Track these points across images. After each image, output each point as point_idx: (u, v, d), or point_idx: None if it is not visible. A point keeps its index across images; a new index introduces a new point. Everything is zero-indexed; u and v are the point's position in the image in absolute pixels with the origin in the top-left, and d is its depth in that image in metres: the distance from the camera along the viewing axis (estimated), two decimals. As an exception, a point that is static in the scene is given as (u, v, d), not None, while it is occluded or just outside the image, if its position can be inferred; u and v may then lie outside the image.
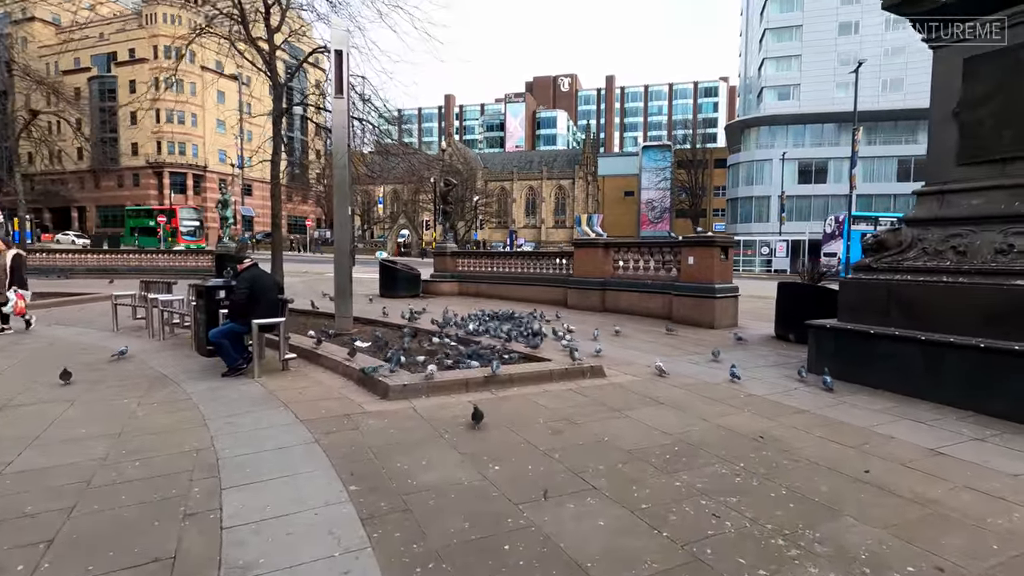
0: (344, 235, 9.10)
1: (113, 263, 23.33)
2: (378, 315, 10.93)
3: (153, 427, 4.76)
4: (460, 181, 49.99)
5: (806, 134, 54.41)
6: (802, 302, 9.14)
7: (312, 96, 15.30)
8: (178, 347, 8.40)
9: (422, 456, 4.11)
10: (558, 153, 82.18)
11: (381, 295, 15.51)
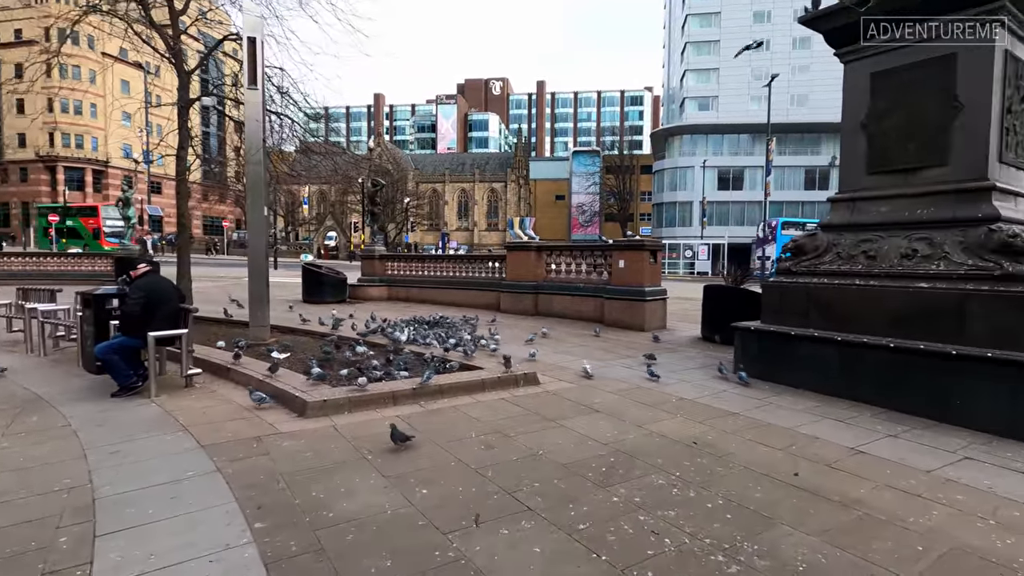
0: (259, 237, 8.42)
1: (-8, 267, 20.70)
2: (300, 323, 10.25)
3: (16, 462, 4.06)
4: (390, 182, 48.85)
5: (724, 143, 57.51)
6: (727, 304, 9.42)
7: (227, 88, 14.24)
8: (62, 364, 7.42)
9: (342, 482, 3.73)
10: (490, 156, 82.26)
11: (304, 301, 14.66)
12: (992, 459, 4.34)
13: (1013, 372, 4.84)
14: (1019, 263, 5.13)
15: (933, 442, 4.70)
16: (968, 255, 5.48)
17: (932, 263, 5.69)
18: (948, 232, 5.70)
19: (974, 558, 2.92)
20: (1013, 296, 5.05)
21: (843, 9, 6.25)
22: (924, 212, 5.95)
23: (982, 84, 5.61)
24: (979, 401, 5.05)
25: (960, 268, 5.47)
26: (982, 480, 3.93)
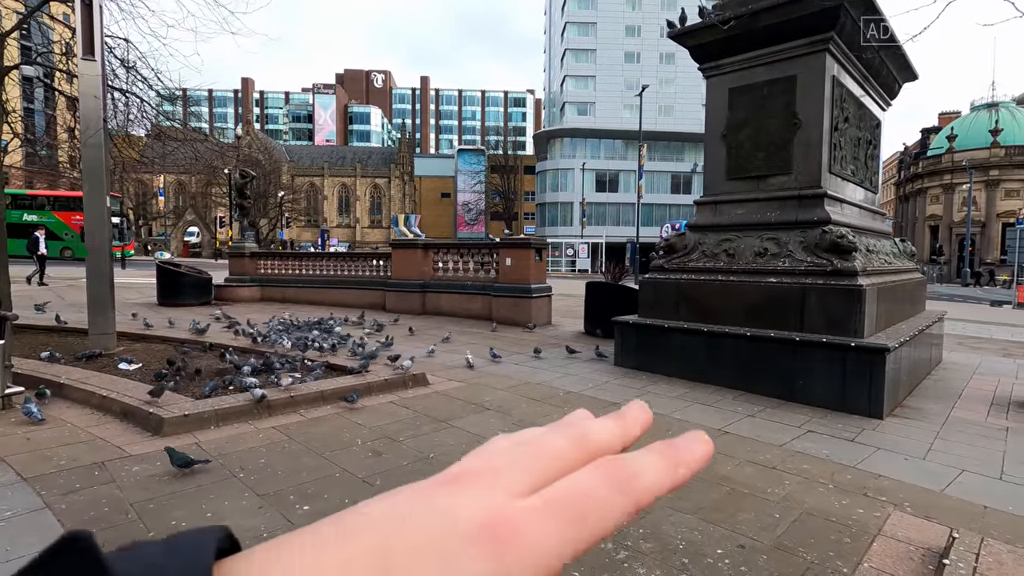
0: (100, 231, 7.30)
1: None
2: (156, 328, 9.10)
3: None
4: (261, 173, 45.40)
5: (601, 148, 60.92)
6: (607, 300, 9.94)
7: (57, 58, 12.22)
8: None
9: (208, 506, 3.32)
10: (373, 150, 79.61)
11: (161, 304, 13.06)
12: (828, 430, 4.98)
13: (840, 354, 5.61)
14: (845, 260, 5.95)
15: (783, 419, 5.29)
16: (807, 253, 6.25)
17: (780, 260, 6.41)
18: (792, 233, 6.46)
19: (819, 519, 3.31)
20: (841, 288, 5.85)
21: (707, 27, 6.83)
22: (773, 215, 6.69)
23: (816, 104, 6.43)
24: (817, 380, 5.79)
25: (801, 264, 6.22)
26: (821, 450, 4.49)
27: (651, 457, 0.26)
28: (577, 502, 0.23)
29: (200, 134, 19.88)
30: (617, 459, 0.26)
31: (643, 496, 0.25)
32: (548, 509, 0.23)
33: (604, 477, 0.25)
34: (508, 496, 0.23)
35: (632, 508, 0.24)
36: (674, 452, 0.27)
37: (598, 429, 0.28)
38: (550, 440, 0.26)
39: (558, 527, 0.22)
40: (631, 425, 0.30)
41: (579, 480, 0.24)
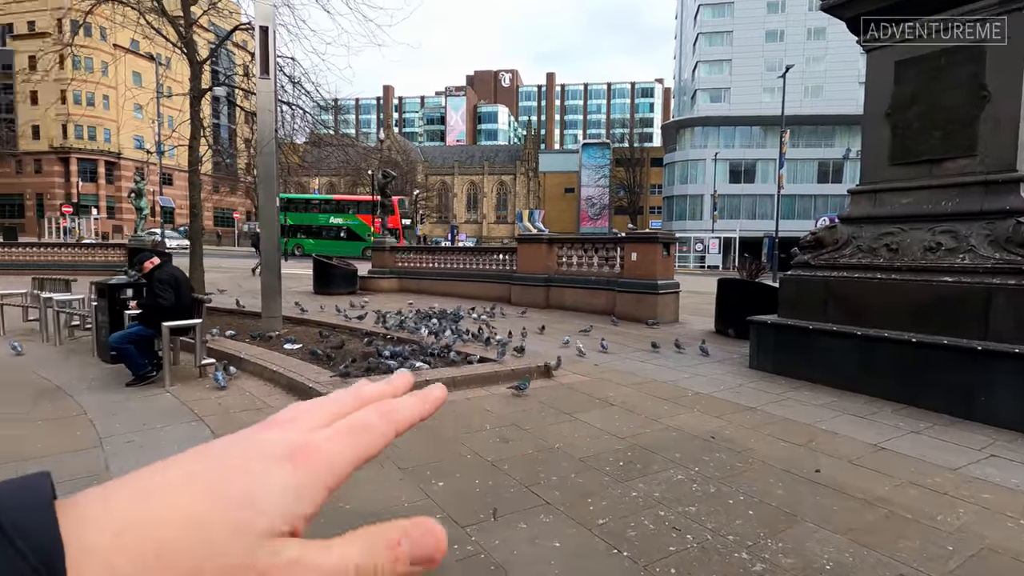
0: (272, 228, 8.40)
1: (6, 259, 20.95)
2: (311, 314, 10.26)
3: (35, 450, 4.08)
4: (399, 173, 48.82)
5: (736, 136, 56.89)
6: (742, 298, 9.31)
7: (239, 79, 14.23)
8: (77, 353, 7.47)
9: (357, 473, 3.68)
10: (499, 148, 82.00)
11: (315, 292, 14.68)
12: (1019, 457, 4.24)
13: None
14: (1048, 257, 5.00)
15: (957, 439, 4.60)
16: (995, 249, 5.35)
17: (957, 256, 5.56)
18: (974, 225, 5.56)
19: (1006, 558, 2.84)
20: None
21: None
22: (949, 204, 5.81)
23: (1012, 73, 5.45)
24: (1004, 397, 4.94)
25: (987, 262, 5.34)
26: (1010, 479, 3.84)
27: (407, 399, 0.35)
28: (356, 428, 0.31)
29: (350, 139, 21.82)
30: (384, 400, 0.34)
31: (400, 423, 0.33)
32: (336, 434, 0.30)
33: (373, 411, 0.32)
34: (308, 431, 0.30)
35: (392, 431, 0.32)
36: (423, 394, 0.35)
37: (371, 388, 0.36)
38: (337, 396, 0.34)
39: (344, 445, 0.30)
40: (398, 387, 0.37)
41: (358, 415, 0.32)
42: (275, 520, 0.26)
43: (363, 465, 0.31)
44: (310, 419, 0.31)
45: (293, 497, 0.27)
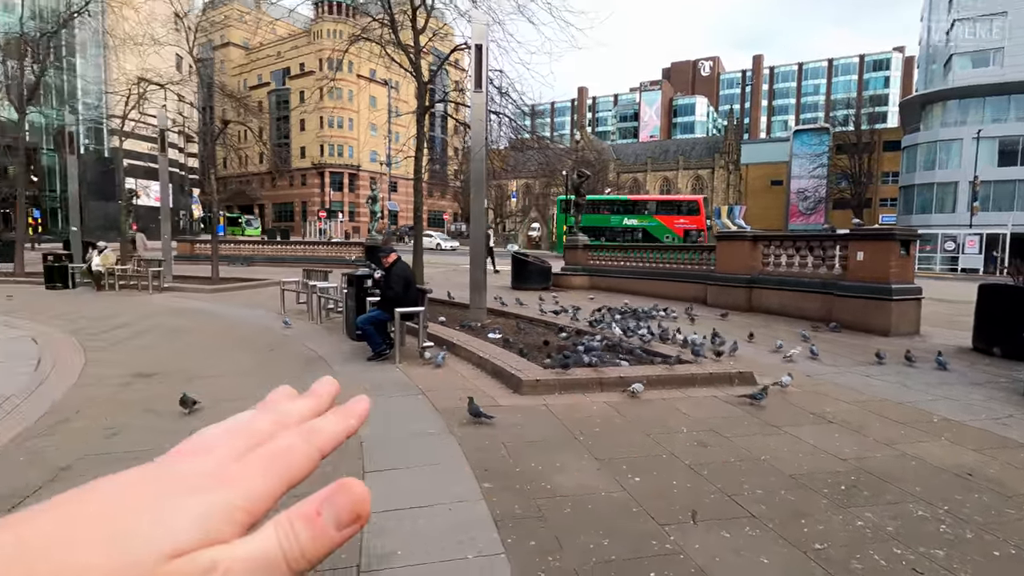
0: (479, 229, 9.25)
1: (282, 253, 26.52)
2: (510, 307, 11.03)
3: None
4: (592, 173, 49.35)
5: (1010, 107, 45.33)
6: (1014, 309, 7.47)
7: (452, 94, 15.86)
8: (332, 330, 9.16)
9: (556, 459, 3.92)
10: (696, 141, 77.71)
11: (513, 287, 15.71)
12: None
13: None
14: None
15: None
16: None
17: None
18: None
19: None
20: None
21: None
22: None
23: None
24: None
25: None
26: None
27: (329, 417, 0.34)
28: (277, 454, 0.30)
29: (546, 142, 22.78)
30: (305, 423, 0.33)
31: (325, 444, 0.32)
32: (254, 463, 0.29)
33: (295, 434, 0.32)
34: (223, 461, 0.29)
35: (317, 452, 0.31)
36: (345, 410, 0.34)
37: (294, 408, 0.34)
38: (255, 423, 0.32)
39: (263, 473, 0.29)
40: (323, 398, 0.35)
41: (279, 440, 0.31)
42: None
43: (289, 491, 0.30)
44: (228, 446, 0.30)
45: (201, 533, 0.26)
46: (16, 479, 3.46)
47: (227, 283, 15.29)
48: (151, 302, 12.24)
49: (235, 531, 0.27)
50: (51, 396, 5.25)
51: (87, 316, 10.02)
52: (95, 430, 4.39)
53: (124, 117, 17.66)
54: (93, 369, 6.34)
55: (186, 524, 0.26)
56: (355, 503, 0.29)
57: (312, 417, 0.34)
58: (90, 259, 14.12)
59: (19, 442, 4.13)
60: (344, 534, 0.29)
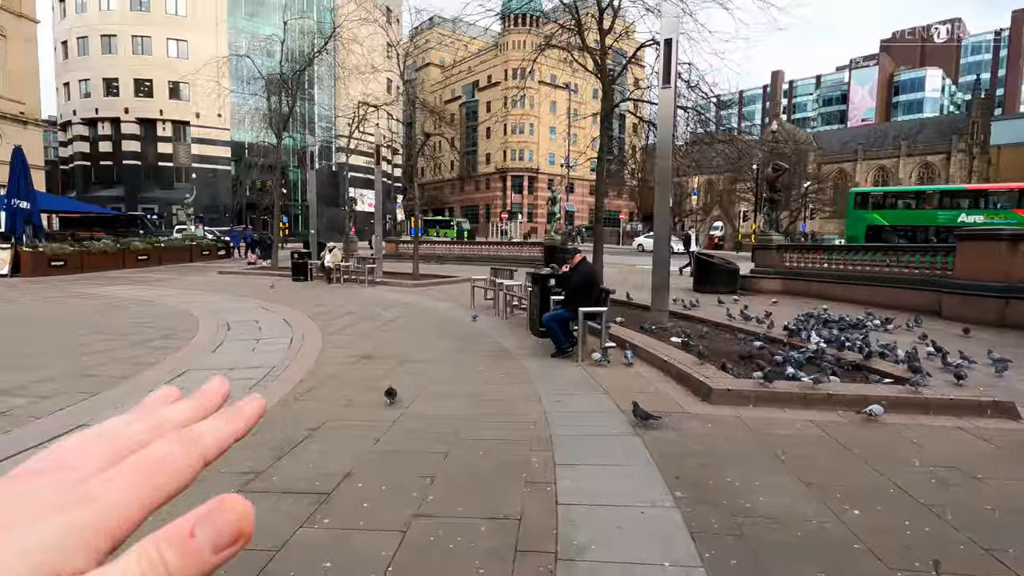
0: (664, 228, 8.97)
1: (470, 252, 28.77)
2: (694, 310, 10.50)
3: (499, 394, 5.52)
4: (789, 164, 44.54)
5: None
6: None
7: (635, 92, 15.59)
8: (517, 326, 9.68)
9: (754, 475, 3.65)
10: (924, 122, 65.28)
11: (694, 289, 14.92)
12: None
13: None
14: None
15: None
16: None
17: None
18: None
19: None
20: None
21: None
22: None
23: None
24: None
25: None
26: None
27: (213, 421, 0.31)
28: (148, 465, 0.27)
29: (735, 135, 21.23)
30: (184, 428, 0.30)
31: (208, 450, 0.29)
32: (120, 477, 0.26)
33: (170, 442, 0.28)
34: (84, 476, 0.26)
35: (198, 460, 0.28)
36: (234, 412, 0.31)
37: (174, 411, 0.31)
38: (126, 431, 0.29)
39: (130, 488, 0.26)
40: (210, 399, 0.32)
41: (151, 449, 0.28)
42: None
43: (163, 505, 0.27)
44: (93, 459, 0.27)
45: (37, 571, 0.22)
46: (284, 434, 4.30)
47: (425, 279, 17.09)
48: (366, 294, 14.22)
49: (90, 559, 0.23)
50: (302, 368, 6.42)
51: (322, 304, 12.02)
52: (336, 399, 5.27)
53: (350, 136, 20.81)
54: (329, 349, 7.59)
55: (19, 564, 0.22)
56: (236, 521, 0.26)
57: (196, 421, 0.31)
58: (323, 257, 16.91)
59: (282, 404, 5.12)
60: (222, 556, 0.25)
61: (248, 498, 0.26)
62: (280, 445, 4.05)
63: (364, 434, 4.32)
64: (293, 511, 3.09)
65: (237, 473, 3.54)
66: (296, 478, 3.52)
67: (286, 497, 3.26)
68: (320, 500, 3.22)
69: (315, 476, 3.55)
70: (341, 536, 2.87)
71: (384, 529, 2.92)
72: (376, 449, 4.05)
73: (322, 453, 3.95)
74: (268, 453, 3.88)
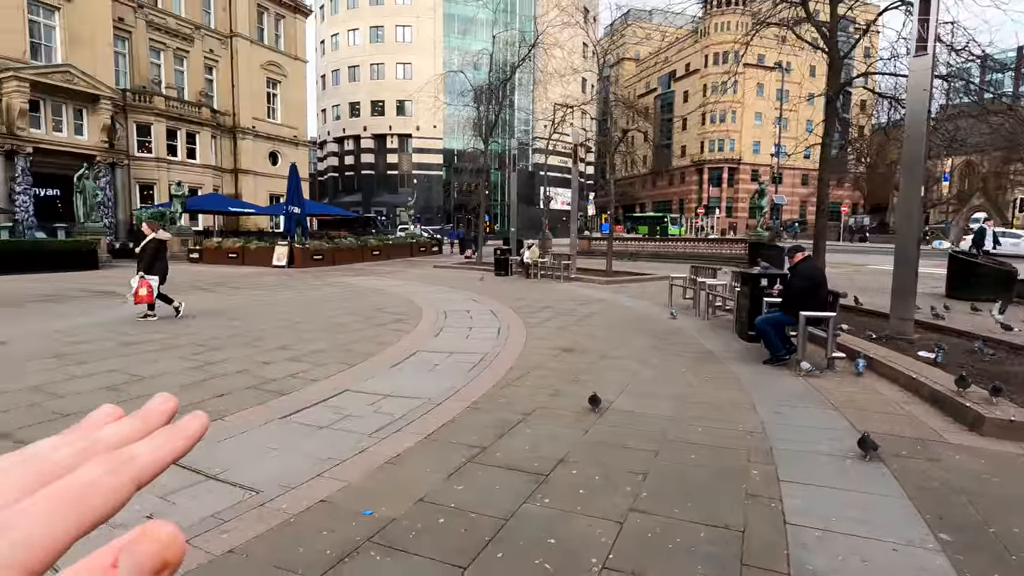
0: (911, 221, 7.57)
1: (664, 249, 27.81)
2: (949, 320, 8.69)
3: (707, 398, 5.26)
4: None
5: None
6: None
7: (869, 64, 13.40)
8: (720, 328, 9.10)
9: None
10: None
11: (948, 295, 12.32)
12: None
13: None
14: None
15: None
16: None
17: None
18: None
19: None
20: None
21: None
22: None
23: None
24: None
25: None
26: None
27: (151, 440, 0.29)
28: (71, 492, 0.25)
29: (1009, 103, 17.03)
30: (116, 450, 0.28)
31: (141, 472, 0.27)
32: (37, 505, 0.24)
33: (98, 465, 0.26)
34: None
35: (130, 484, 0.27)
36: (174, 430, 0.30)
37: (111, 431, 0.29)
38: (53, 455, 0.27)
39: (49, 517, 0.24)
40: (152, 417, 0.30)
41: (77, 474, 0.26)
42: None
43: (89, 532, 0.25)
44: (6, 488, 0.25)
45: None
46: (502, 416, 4.70)
47: (618, 275, 17.04)
48: (562, 289, 14.70)
49: None
50: (511, 357, 6.92)
51: (522, 298, 12.77)
52: (543, 388, 5.58)
53: (548, 138, 21.70)
54: (532, 340, 8.04)
55: None
56: (162, 549, 0.25)
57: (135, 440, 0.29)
58: (522, 253, 17.94)
59: (496, 389, 5.59)
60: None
61: (477, 469, 0.29)
62: (499, 425, 4.43)
63: (573, 424, 4.50)
64: (516, 487, 3.36)
65: (466, 446, 3.98)
66: (516, 457, 3.82)
67: (509, 473, 3.57)
68: (539, 480, 3.45)
69: (532, 458, 3.81)
70: (561, 517, 3.04)
71: (602, 517, 3.01)
72: (585, 439, 4.19)
73: (535, 437, 4.22)
74: (491, 432, 4.28)
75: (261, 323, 9.10)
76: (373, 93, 56.23)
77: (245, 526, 2.90)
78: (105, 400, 0.36)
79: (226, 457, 3.74)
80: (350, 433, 4.24)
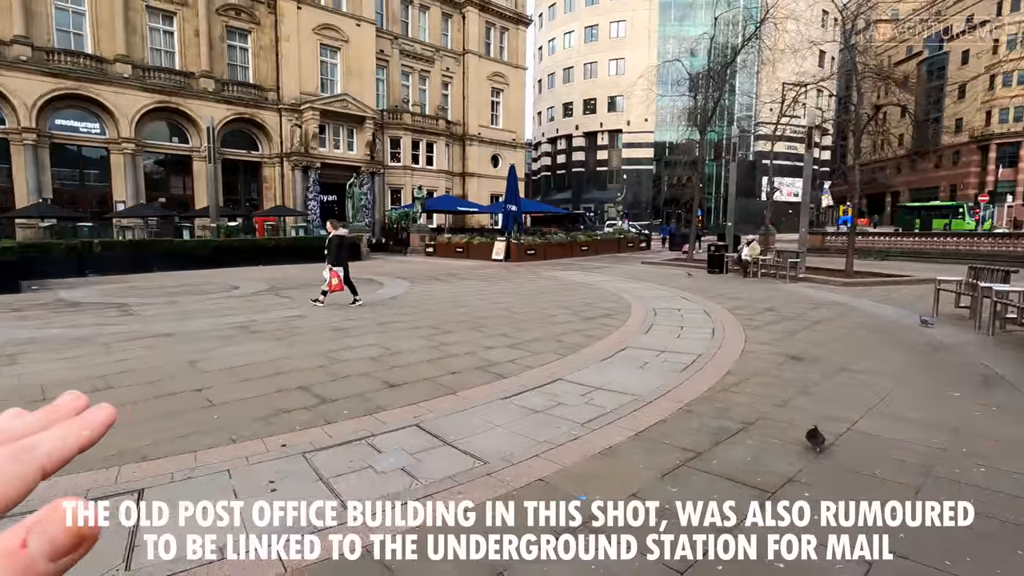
0: None
1: (925, 247, 22.91)
2: None
3: (995, 433, 4.21)
4: None
5: None
6: None
7: None
8: (1014, 347, 7.18)
9: None
10: None
11: None
12: None
13: None
14: None
15: None
16: None
17: None
18: None
19: None
20: None
21: None
22: None
23: None
24: None
25: None
26: None
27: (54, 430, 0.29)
28: None
29: None
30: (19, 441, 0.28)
31: (47, 459, 0.28)
32: None
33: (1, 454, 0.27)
34: None
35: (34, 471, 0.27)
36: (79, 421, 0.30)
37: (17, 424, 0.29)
38: None
39: None
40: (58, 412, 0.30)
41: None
42: None
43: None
44: None
45: None
46: (718, 423, 4.43)
47: (860, 277, 14.61)
48: (787, 290, 13.17)
49: None
50: (728, 360, 6.46)
51: (739, 298, 11.79)
52: (766, 397, 5.09)
53: (776, 123, 19.52)
54: (751, 344, 7.38)
55: None
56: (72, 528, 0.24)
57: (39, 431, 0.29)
58: (740, 249, 16.54)
59: (711, 393, 5.27)
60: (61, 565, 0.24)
61: (692, 474, 0.23)
62: (716, 431, 4.19)
63: (803, 439, 4.02)
64: (734, 501, 3.14)
65: (679, 448, 3.85)
66: (735, 468, 3.57)
67: (727, 483, 3.35)
68: (763, 496, 3.17)
69: (755, 471, 3.51)
70: (791, 541, 2.75)
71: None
72: (822, 458, 3.71)
73: (758, 449, 3.88)
74: (706, 437, 4.07)
75: (484, 311, 10.05)
76: (586, 92, 57.42)
77: (476, 491, 3.26)
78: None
79: (460, 428, 4.25)
80: (564, 420, 4.43)
